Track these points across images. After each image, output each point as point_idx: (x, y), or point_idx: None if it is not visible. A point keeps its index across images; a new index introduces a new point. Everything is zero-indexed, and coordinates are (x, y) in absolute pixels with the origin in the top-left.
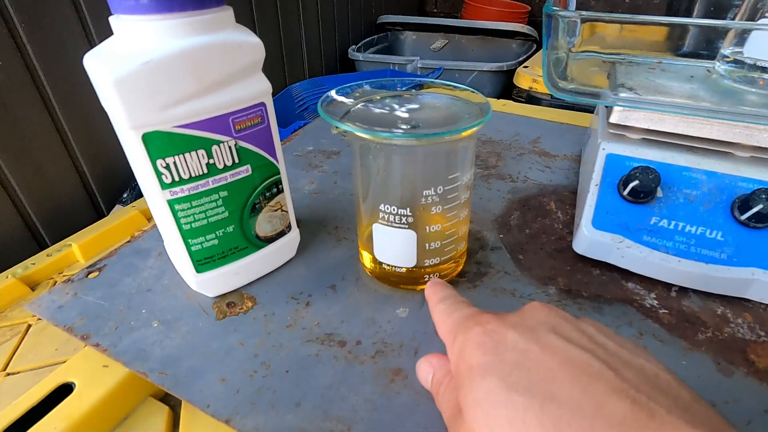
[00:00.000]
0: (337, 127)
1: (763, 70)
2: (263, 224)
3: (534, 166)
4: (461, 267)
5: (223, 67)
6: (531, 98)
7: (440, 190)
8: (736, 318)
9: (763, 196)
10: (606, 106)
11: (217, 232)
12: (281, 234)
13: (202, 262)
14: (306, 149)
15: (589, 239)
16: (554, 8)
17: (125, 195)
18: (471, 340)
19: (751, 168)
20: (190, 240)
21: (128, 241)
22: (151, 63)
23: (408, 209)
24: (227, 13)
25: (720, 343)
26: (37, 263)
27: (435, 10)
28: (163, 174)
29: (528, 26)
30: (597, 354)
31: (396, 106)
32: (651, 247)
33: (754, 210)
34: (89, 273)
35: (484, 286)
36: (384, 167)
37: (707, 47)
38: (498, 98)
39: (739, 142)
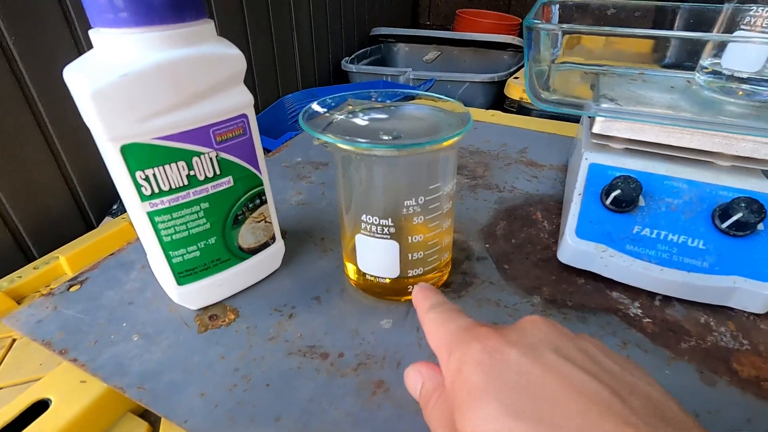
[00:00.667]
0: (318, 139)
1: (740, 80)
2: (246, 236)
3: (521, 176)
4: (446, 277)
5: (203, 79)
6: (522, 108)
7: (421, 200)
8: (719, 327)
9: (743, 205)
10: (589, 117)
11: (198, 244)
12: (265, 245)
13: (184, 274)
14: (294, 160)
15: (573, 248)
16: (534, 21)
17: (115, 207)
18: (470, 357)
19: (731, 177)
20: (171, 252)
21: (111, 254)
22: (129, 75)
23: (390, 219)
24: (208, 25)
25: (703, 352)
26: (24, 276)
27: (428, 23)
28: (142, 186)
29: (519, 38)
30: (602, 378)
31: (377, 118)
32: (634, 256)
33: (734, 218)
34: (70, 286)
35: (469, 297)
36: (365, 178)
37: (687, 59)
38: (489, 109)
39: (718, 152)
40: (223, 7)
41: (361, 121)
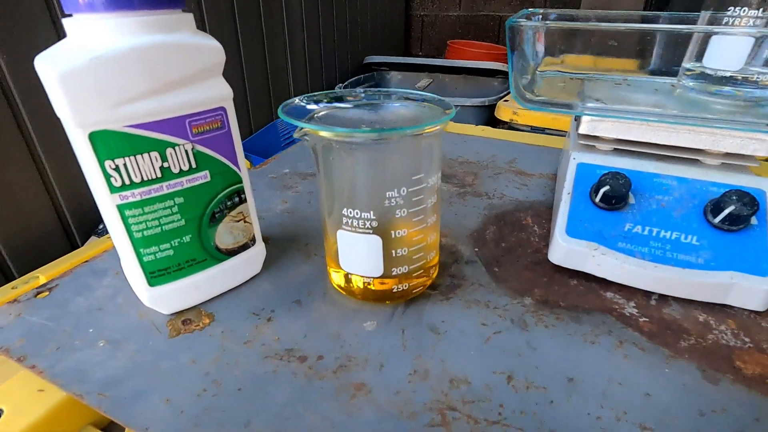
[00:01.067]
0: (299, 129)
1: (723, 79)
2: (224, 235)
3: (510, 184)
4: (432, 279)
5: (179, 67)
6: (512, 129)
7: (404, 191)
8: (719, 325)
9: (734, 198)
10: (575, 119)
11: (172, 242)
12: (244, 247)
13: (156, 274)
14: (282, 171)
15: (564, 248)
16: (517, 20)
17: (101, 226)
18: None
19: (720, 173)
20: (141, 249)
21: (85, 261)
22: (100, 58)
23: (372, 212)
24: (186, 16)
25: (704, 351)
26: (1, 296)
27: (420, 53)
28: (112, 176)
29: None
30: None
31: (360, 111)
32: (626, 254)
33: (726, 212)
34: (38, 293)
35: (456, 298)
36: (346, 168)
37: (670, 65)
38: None
39: (706, 149)
40: (218, 32)
41: (343, 114)
